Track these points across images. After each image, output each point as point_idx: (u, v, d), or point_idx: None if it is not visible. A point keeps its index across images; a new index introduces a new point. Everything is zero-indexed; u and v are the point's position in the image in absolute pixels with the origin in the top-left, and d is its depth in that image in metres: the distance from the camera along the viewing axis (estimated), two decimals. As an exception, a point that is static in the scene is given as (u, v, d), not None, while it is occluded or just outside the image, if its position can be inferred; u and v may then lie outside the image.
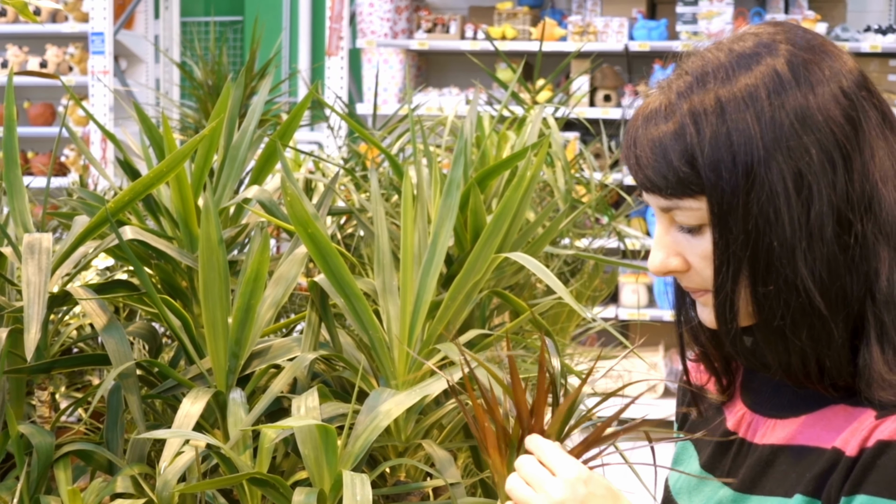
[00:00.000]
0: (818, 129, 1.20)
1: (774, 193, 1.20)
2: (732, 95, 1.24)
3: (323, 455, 1.54)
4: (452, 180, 1.85)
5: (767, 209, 1.21)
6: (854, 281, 1.22)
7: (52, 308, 1.81)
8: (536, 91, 3.52)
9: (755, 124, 1.21)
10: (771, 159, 1.20)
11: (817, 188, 1.20)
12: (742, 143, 1.21)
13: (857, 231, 1.21)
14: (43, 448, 1.72)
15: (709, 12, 6.86)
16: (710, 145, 1.22)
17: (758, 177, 1.20)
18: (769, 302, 1.23)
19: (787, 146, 1.20)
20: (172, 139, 1.97)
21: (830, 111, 1.21)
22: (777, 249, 1.21)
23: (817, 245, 1.20)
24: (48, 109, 7.77)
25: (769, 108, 1.22)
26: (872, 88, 1.25)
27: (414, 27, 7.32)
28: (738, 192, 1.21)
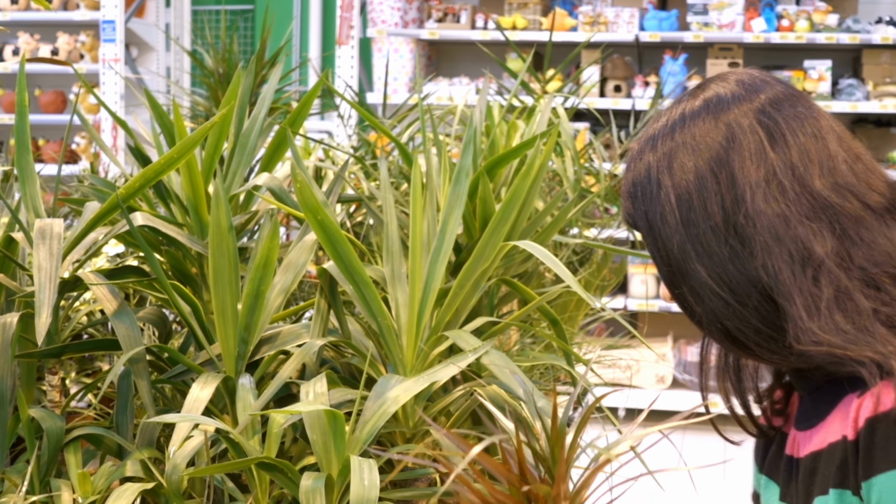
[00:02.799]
0: (691, 154, 1.42)
1: (665, 210, 1.42)
2: (647, 137, 1.48)
3: (331, 440, 1.54)
4: (461, 168, 1.86)
5: (662, 225, 1.43)
6: (747, 273, 1.39)
7: (62, 293, 1.82)
8: (546, 81, 3.52)
9: (654, 159, 1.45)
10: (660, 183, 1.43)
11: (692, 201, 1.41)
12: (645, 176, 1.46)
13: (734, 231, 1.39)
14: (53, 432, 1.74)
15: (720, 3, 6.85)
16: (632, 185, 1.48)
17: (654, 200, 1.44)
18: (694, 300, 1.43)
19: (670, 169, 1.42)
20: (183, 126, 1.98)
21: (707, 137, 1.42)
22: (677, 256, 1.42)
23: (704, 248, 1.40)
24: (59, 97, 7.78)
25: (662, 144, 1.45)
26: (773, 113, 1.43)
27: (424, 17, 7.32)
28: (649, 215, 1.45)
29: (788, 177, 1.39)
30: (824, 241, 1.36)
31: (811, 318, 1.34)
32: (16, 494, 1.69)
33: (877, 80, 6.73)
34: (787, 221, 1.37)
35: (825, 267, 1.34)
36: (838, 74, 6.93)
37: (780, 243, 1.37)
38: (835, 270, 1.34)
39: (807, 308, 1.34)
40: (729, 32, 6.81)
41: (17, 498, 1.68)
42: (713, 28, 6.83)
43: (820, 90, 6.67)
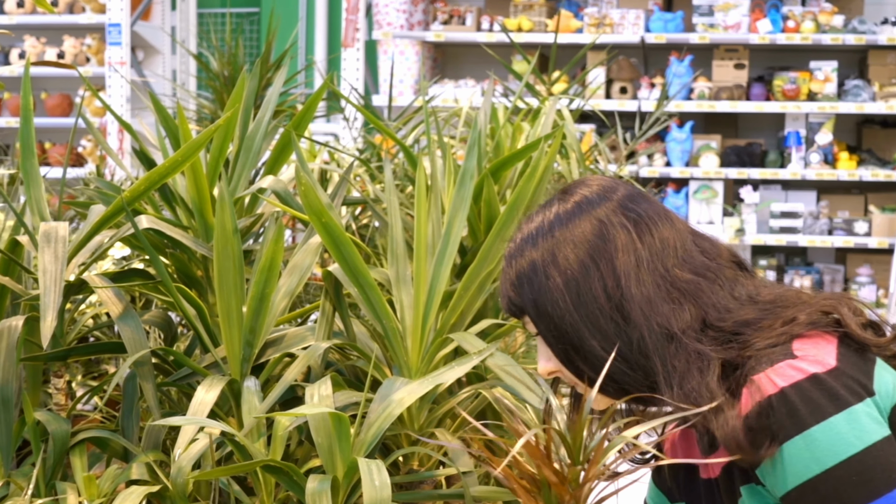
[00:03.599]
0: (573, 248, 1.61)
1: (554, 297, 1.60)
2: (525, 237, 1.65)
3: (336, 443, 1.55)
4: (466, 171, 1.86)
5: (555, 309, 1.60)
6: (633, 344, 1.58)
7: (68, 296, 1.82)
8: (552, 83, 3.52)
9: (539, 254, 1.62)
10: (548, 275, 1.60)
11: (580, 287, 1.60)
12: (531, 271, 1.61)
13: (617, 309, 1.59)
14: (59, 435, 1.74)
15: (726, 4, 6.84)
16: (516, 276, 1.63)
17: (544, 291, 1.60)
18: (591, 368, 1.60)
19: (554, 262, 1.60)
20: (188, 129, 1.98)
21: (584, 233, 1.62)
22: (572, 334, 1.59)
23: (594, 324, 1.59)
24: (65, 100, 7.79)
25: (544, 242, 1.63)
26: (633, 208, 1.65)
27: (430, 19, 7.32)
28: (538, 304, 1.61)
29: (652, 265, 1.61)
30: (683, 316, 1.59)
31: (669, 390, 1.56)
32: (22, 497, 1.69)
33: (883, 80, 6.71)
34: (652, 303, 1.58)
35: (681, 340, 1.57)
36: (844, 75, 6.92)
37: (648, 322, 1.58)
38: (690, 341, 1.57)
39: (666, 381, 1.57)
40: (735, 34, 6.80)
41: (23, 501, 1.68)
42: (719, 29, 6.82)
43: (826, 91, 6.67)
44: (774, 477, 1.51)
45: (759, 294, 1.65)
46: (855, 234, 6.68)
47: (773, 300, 1.64)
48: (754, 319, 1.60)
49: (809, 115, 6.76)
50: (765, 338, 1.58)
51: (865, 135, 7.10)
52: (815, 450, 1.48)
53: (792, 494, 1.50)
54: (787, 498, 1.50)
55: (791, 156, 6.76)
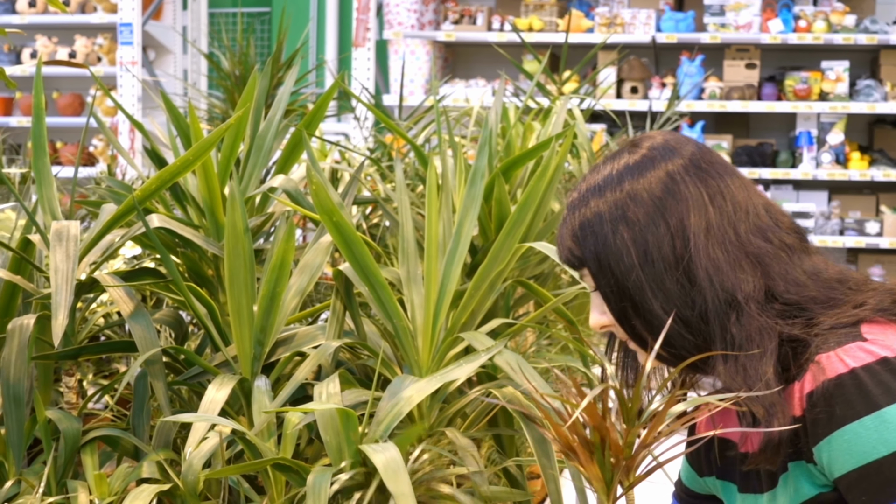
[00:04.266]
0: (643, 206, 1.58)
1: (622, 256, 1.57)
2: (591, 187, 1.62)
3: (344, 440, 1.55)
4: (477, 170, 1.86)
5: (620, 266, 1.57)
6: (696, 308, 1.56)
7: (79, 295, 1.82)
8: (562, 82, 3.52)
9: (605, 207, 1.60)
10: (616, 232, 1.58)
11: (648, 246, 1.57)
12: (597, 223, 1.59)
13: (683, 271, 1.56)
14: (70, 433, 1.74)
15: (737, 4, 6.83)
16: (579, 226, 1.60)
17: (609, 246, 1.58)
18: (648, 330, 1.57)
19: (625, 220, 1.58)
20: (199, 128, 1.98)
21: (654, 188, 1.59)
22: (634, 293, 1.57)
23: (659, 285, 1.56)
24: (77, 100, 7.81)
25: (612, 194, 1.60)
26: (706, 167, 1.62)
27: (441, 18, 7.32)
28: (601, 258, 1.58)
29: (722, 227, 1.59)
30: (748, 284, 1.56)
31: (725, 361, 1.55)
32: (33, 496, 1.69)
33: (895, 80, 6.70)
34: (720, 268, 1.56)
35: (744, 309, 1.55)
36: (856, 75, 6.90)
37: (713, 287, 1.56)
38: (753, 312, 1.55)
39: (722, 348, 1.55)
40: (746, 33, 6.79)
41: (34, 499, 1.68)
42: (730, 29, 6.82)
43: (837, 91, 6.65)
44: (835, 456, 1.48)
45: (825, 270, 1.61)
46: (866, 234, 6.67)
47: (840, 279, 1.61)
48: (823, 298, 1.58)
49: (821, 115, 6.74)
50: (833, 317, 1.55)
51: (877, 135, 7.08)
52: (884, 431, 1.46)
53: (852, 475, 1.48)
54: (847, 478, 1.48)
55: (802, 156, 6.75)
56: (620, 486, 1.36)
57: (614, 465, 1.34)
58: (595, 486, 1.36)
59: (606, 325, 1.62)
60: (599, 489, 1.36)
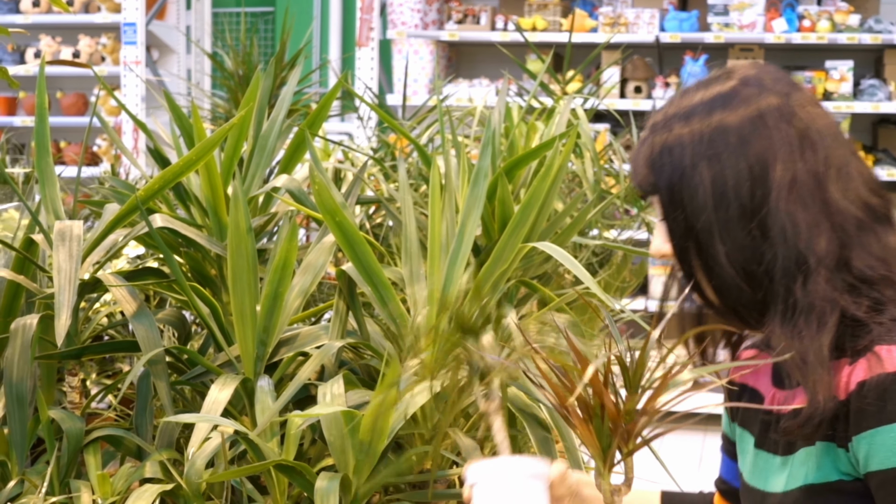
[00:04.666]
0: (729, 145, 1.51)
1: (697, 190, 1.50)
2: (677, 113, 1.55)
3: (348, 441, 1.55)
4: (480, 170, 1.86)
5: (693, 202, 1.50)
6: (762, 262, 1.49)
7: (82, 295, 1.82)
8: (566, 82, 3.51)
9: (689, 136, 1.52)
10: (696, 164, 1.51)
11: (727, 188, 1.50)
12: (677, 152, 1.53)
13: (758, 223, 1.49)
14: (73, 433, 1.74)
15: (741, 3, 6.82)
16: (658, 152, 1.54)
17: (686, 179, 1.51)
18: (706, 273, 1.52)
19: (707, 156, 1.50)
20: (202, 128, 1.98)
21: (743, 131, 1.51)
22: (702, 233, 1.50)
23: (730, 231, 1.49)
24: (80, 99, 7.81)
25: (699, 123, 1.53)
26: (801, 113, 1.53)
27: (444, 18, 7.32)
28: (675, 189, 1.52)
29: (809, 184, 1.50)
30: (823, 249, 1.48)
31: (783, 323, 1.48)
32: (36, 495, 1.69)
33: (899, 80, 6.70)
34: (797, 226, 1.48)
35: (813, 273, 1.47)
36: (860, 75, 6.89)
37: (787, 244, 1.48)
38: (821, 279, 1.47)
39: (783, 313, 1.48)
40: (750, 33, 6.78)
41: (37, 499, 1.68)
42: (734, 29, 6.81)
43: (842, 91, 6.64)
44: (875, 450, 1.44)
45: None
46: (870, 233, 6.65)
47: None
48: None
49: (825, 114, 6.73)
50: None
51: (881, 134, 7.07)
52: None
53: (889, 473, 1.44)
54: (881, 475, 1.44)
55: (806, 155, 6.73)
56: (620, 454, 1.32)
57: (612, 432, 1.30)
58: (591, 452, 1.33)
59: (667, 255, 1.57)
60: (595, 455, 1.32)
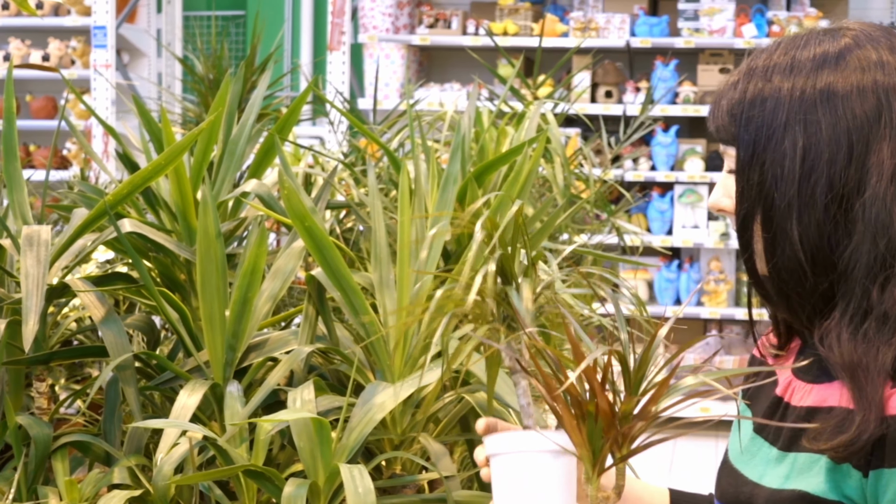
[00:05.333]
0: (833, 113, 1.35)
1: (784, 156, 1.36)
2: (780, 64, 1.40)
3: (318, 447, 1.54)
4: (449, 175, 1.86)
5: (776, 168, 1.36)
6: (836, 253, 1.36)
7: (50, 300, 1.82)
8: (537, 86, 3.52)
9: (787, 93, 1.37)
10: (790, 126, 1.36)
11: (819, 161, 1.35)
12: (771, 107, 1.38)
13: (845, 208, 1.35)
14: (41, 439, 1.73)
15: (710, 9, 6.86)
16: (748, 102, 1.39)
17: (776, 138, 1.37)
18: (769, 247, 1.39)
19: (805, 118, 1.35)
20: (171, 132, 1.98)
21: (852, 101, 1.35)
22: (779, 203, 1.36)
23: (811, 209, 1.35)
24: (50, 103, 7.78)
25: (802, 81, 1.37)
26: None
27: (416, 22, 7.32)
28: (759, 146, 1.38)
29: None
30: None
31: (850, 325, 1.34)
32: (3, 501, 1.68)
33: (867, 85, 6.74)
34: (892, 225, 1.34)
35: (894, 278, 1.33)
36: (829, 80, 6.94)
37: (875, 241, 1.34)
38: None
39: (853, 313, 1.35)
40: (720, 38, 6.82)
41: (5, 505, 1.67)
42: (704, 34, 6.84)
43: (810, 96, 6.69)
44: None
45: None
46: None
47: None
48: None
49: (794, 119, 6.77)
50: None
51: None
52: None
53: None
54: None
55: (776, 160, 6.77)
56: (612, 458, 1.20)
57: (605, 433, 1.18)
58: (580, 454, 1.21)
59: (725, 211, 1.46)
60: (584, 457, 1.21)
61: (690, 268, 7.03)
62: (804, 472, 1.40)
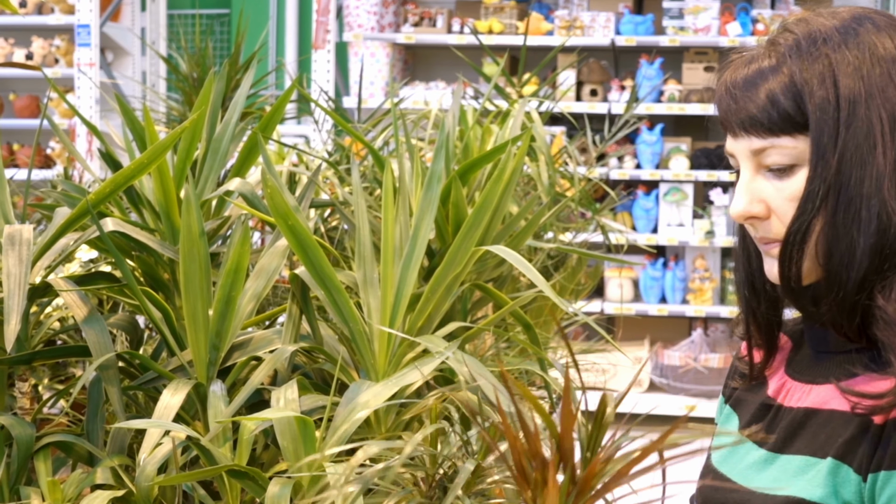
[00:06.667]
0: None
1: (871, 131, 1.30)
2: (828, 38, 1.34)
3: (301, 446, 1.54)
4: (433, 173, 1.86)
5: (863, 144, 1.31)
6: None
7: (33, 299, 1.81)
8: (521, 85, 3.52)
9: (861, 68, 1.32)
10: (871, 100, 1.31)
11: None
12: (847, 84, 1.31)
13: None
14: (23, 439, 1.72)
15: (695, 7, 6.87)
16: (817, 83, 1.33)
17: (857, 115, 1.31)
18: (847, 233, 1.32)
19: (884, 88, 1.31)
20: (154, 131, 1.97)
21: None
22: (868, 180, 1.30)
23: (884, 197, 1.30)
24: (34, 101, 7.76)
25: (868, 52, 1.32)
26: None
27: (401, 21, 7.32)
28: (840, 127, 1.31)
29: None
30: None
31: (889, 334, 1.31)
32: (-15, 502, 1.68)
33: (851, 83, 6.76)
34: None
35: None
36: (813, 78, 6.95)
37: None
38: None
39: None
40: (704, 36, 6.83)
41: (-13, 506, 1.67)
42: (689, 32, 6.85)
43: (795, 94, 6.70)
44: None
45: None
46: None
47: None
48: None
49: (779, 117, 6.79)
50: None
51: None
52: None
53: None
54: None
55: (761, 158, 6.79)
56: None
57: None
58: None
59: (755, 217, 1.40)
60: None
61: (676, 266, 7.04)
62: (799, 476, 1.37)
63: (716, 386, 6.80)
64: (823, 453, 1.36)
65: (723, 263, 7.01)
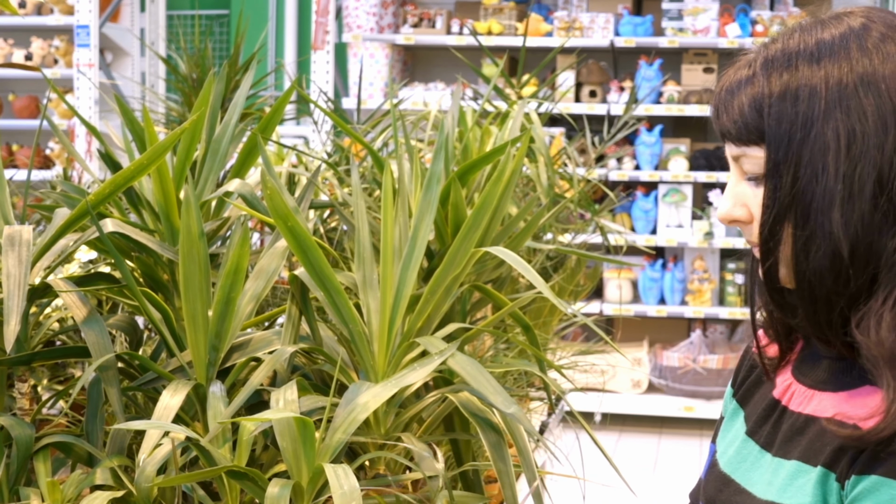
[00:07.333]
0: (879, 96, 1.29)
1: (827, 147, 1.29)
2: (805, 51, 1.33)
3: (301, 448, 1.54)
4: (433, 174, 1.86)
5: (818, 161, 1.29)
6: (880, 242, 1.30)
7: (32, 300, 1.81)
8: (521, 86, 3.52)
9: (822, 82, 1.30)
10: (830, 116, 1.29)
11: (866, 148, 1.28)
12: (806, 98, 1.31)
13: (892, 196, 1.29)
14: (22, 440, 1.72)
15: (694, 8, 6.87)
16: (777, 96, 1.32)
17: (815, 130, 1.29)
18: (805, 248, 1.32)
19: (847, 105, 1.29)
20: (154, 132, 1.97)
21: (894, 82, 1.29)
22: (819, 198, 1.29)
23: (856, 200, 1.28)
24: (33, 102, 7.76)
25: (837, 69, 1.30)
26: None
27: (400, 22, 7.32)
28: (794, 142, 1.31)
29: None
30: None
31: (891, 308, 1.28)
32: (-16, 503, 1.68)
33: (850, 85, 6.75)
34: None
35: None
36: (812, 80, 6.95)
37: None
38: None
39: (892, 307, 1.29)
40: (703, 38, 6.83)
41: (-14, 506, 1.67)
42: (688, 33, 6.85)
43: (794, 95, 6.70)
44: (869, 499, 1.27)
45: None
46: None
47: None
48: None
49: (778, 119, 6.78)
50: None
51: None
52: None
53: None
54: None
55: (760, 159, 6.79)
56: None
57: None
58: None
59: (738, 220, 1.40)
60: None
61: (674, 267, 7.04)
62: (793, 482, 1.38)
63: (715, 387, 6.80)
64: (815, 461, 1.36)
65: (722, 265, 7.02)
